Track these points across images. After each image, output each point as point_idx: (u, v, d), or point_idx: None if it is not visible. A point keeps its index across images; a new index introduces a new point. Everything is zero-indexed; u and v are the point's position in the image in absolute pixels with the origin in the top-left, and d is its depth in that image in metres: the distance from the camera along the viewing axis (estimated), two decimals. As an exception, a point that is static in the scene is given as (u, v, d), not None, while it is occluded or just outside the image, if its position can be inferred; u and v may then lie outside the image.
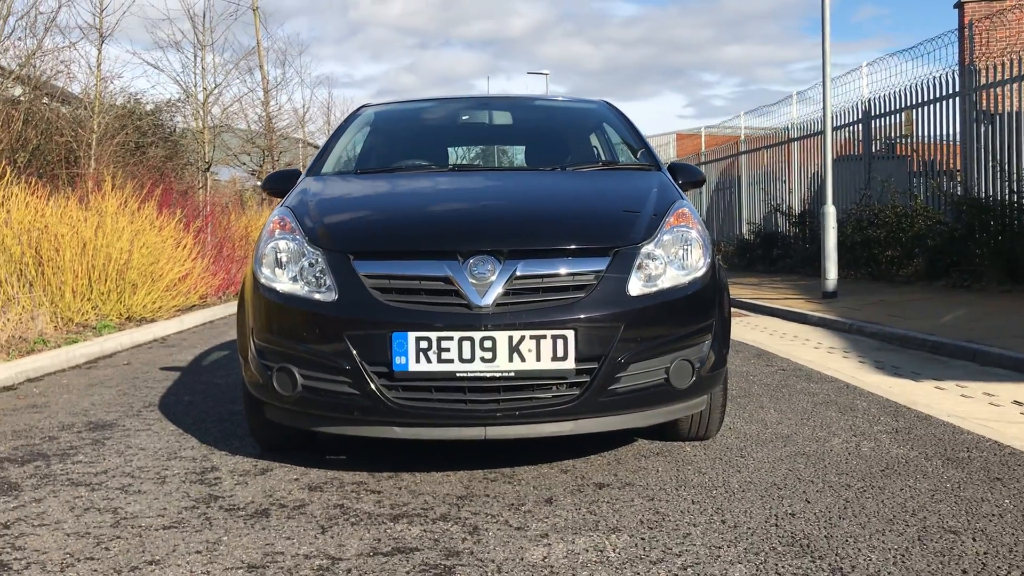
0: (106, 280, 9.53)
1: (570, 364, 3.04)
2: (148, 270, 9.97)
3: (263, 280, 3.37)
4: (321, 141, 33.50)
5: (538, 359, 3.03)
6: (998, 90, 11.04)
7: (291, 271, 3.35)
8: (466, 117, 4.92)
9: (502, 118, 4.95)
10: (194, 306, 11.43)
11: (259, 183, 30.45)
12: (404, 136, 4.78)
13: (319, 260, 3.26)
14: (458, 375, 3.02)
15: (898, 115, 13.48)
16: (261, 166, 30.34)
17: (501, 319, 3.02)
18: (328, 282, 3.20)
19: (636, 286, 3.18)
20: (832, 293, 10.05)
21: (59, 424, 4.48)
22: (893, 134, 13.85)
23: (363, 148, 4.68)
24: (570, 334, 3.03)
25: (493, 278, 3.06)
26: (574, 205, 3.59)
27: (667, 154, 27.26)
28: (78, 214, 9.92)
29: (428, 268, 3.11)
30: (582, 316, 3.06)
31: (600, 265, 3.17)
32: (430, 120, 4.95)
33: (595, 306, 3.09)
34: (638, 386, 3.16)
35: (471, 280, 3.06)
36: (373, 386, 3.06)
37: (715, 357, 3.39)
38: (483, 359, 3.01)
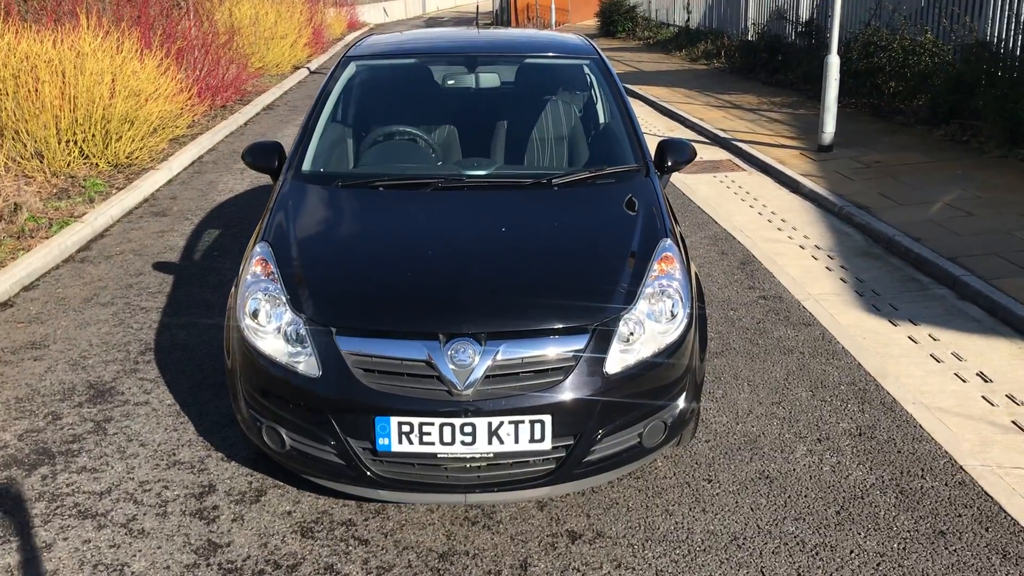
0: (90, 127, 9.35)
1: (547, 445, 3.18)
2: (132, 114, 9.75)
3: (247, 332, 3.42)
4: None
5: (516, 441, 3.16)
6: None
7: (274, 323, 3.40)
8: (452, 82, 4.73)
9: (489, 80, 4.75)
10: (183, 136, 11.25)
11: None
12: (387, 112, 4.62)
13: (301, 326, 3.30)
14: (439, 456, 3.17)
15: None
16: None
17: (481, 405, 3.12)
18: (310, 349, 3.26)
19: (614, 362, 3.25)
20: (828, 147, 9.93)
21: (60, 388, 4.65)
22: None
23: (345, 128, 4.55)
24: (547, 418, 3.15)
25: (474, 363, 3.13)
26: (556, 268, 3.55)
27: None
28: (55, 53, 9.54)
29: (409, 350, 3.16)
30: (560, 400, 3.16)
31: (579, 343, 3.22)
32: (414, 86, 4.77)
33: (573, 389, 3.18)
34: (611, 453, 3.32)
35: (451, 366, 3.13)
36: (358, 460, 3.21)
37: (689, 408, 3.52)
38: (463, 443, 3.15)
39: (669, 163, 4.35)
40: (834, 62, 9.73)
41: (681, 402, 3.46)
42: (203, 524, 3.52)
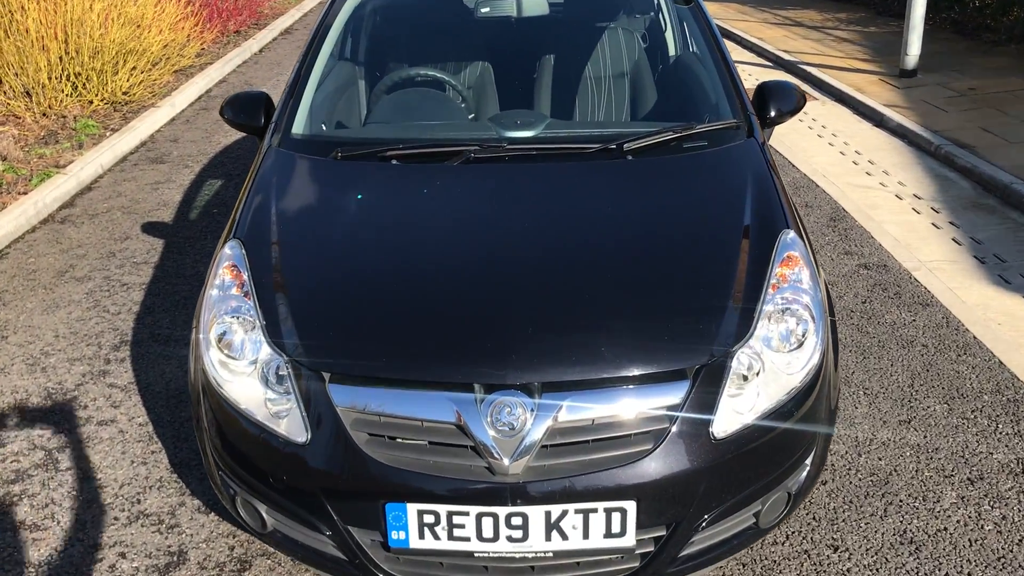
0: (82, 59, 8.36)
1: (629, 541, 2.25)
2: (130, 44, 8.73)
3: (211, 370, 2.49)
4: None
5: (585, 536, 2.23)
6: None
7: (247, 357, 2.46)
8: (486, 10, 3.65)
9: (535, 6, 3.66)
10: (190, 67, 10.23)
11: None
12: (403, 51, 3.57)
13: (283, 367, 2.36)
14: (477, 555, 2.25)
15: None
16: None
17: (535, 489, 2.19)
18: (294, 402, 2.32)
19: (724, 421, 2.29)
20: (912, 71, 8.71)
21: (11, 399, 3.79)
22: None
23: (349, 74, 3.51)
24: (631, 505, 2.21)
25: (525, 427, 2.18)
26: (638, 283, 2.52)
27: None
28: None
29: (431, 408, 2.22)
30: (648, 479, 2.21)
31: (676, 395, 2.25)
32: (438, 15, 3.70)
33: (667, 463, 2.22)
34: (716, 542, 2.39)
35: (492, 432, 2.18)
36: (363, 556, 2.30)
37: (817, 470, 2.56)
38: (510, 538, 2.22)
39: (772, 114, 3.31)
40: (923, -29, 8.45)
41: (809, 463, 2.50)
42: (165, 618, 2.66)
